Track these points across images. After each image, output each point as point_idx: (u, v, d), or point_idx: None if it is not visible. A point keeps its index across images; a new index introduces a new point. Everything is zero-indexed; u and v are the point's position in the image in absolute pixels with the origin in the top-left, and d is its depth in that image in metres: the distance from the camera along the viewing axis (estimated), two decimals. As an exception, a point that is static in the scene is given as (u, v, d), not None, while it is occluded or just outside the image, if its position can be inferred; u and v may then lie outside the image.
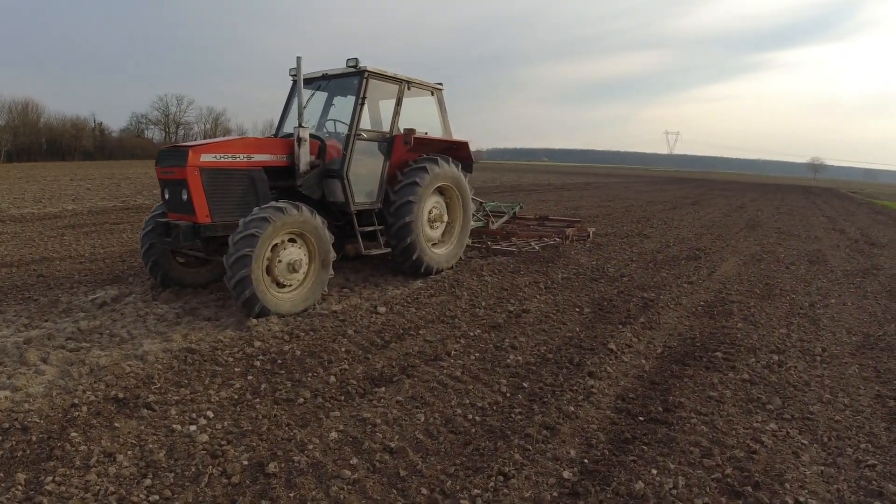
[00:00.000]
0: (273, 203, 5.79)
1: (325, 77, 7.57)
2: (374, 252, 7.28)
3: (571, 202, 21.56)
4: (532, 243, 9.61)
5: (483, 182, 33.99)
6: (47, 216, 13.14)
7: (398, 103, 7.58)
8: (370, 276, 7.75)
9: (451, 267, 8.12)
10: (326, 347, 4.85)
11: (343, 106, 8.07)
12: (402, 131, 7.50)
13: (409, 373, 4.35)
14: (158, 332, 5.30)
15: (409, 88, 7.71)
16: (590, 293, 7.03)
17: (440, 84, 8.34)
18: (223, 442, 3.31)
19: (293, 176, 6.75)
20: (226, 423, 3.52)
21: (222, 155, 6.09)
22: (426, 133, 8.24)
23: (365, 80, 7.08)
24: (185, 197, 5.87)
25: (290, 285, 5.97)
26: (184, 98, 73.14)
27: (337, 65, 7.41)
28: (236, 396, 3.90)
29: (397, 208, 7.34)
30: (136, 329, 5.41)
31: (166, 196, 6.15)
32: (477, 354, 4.78)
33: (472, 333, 5.33)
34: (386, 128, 8.11)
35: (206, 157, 5.93)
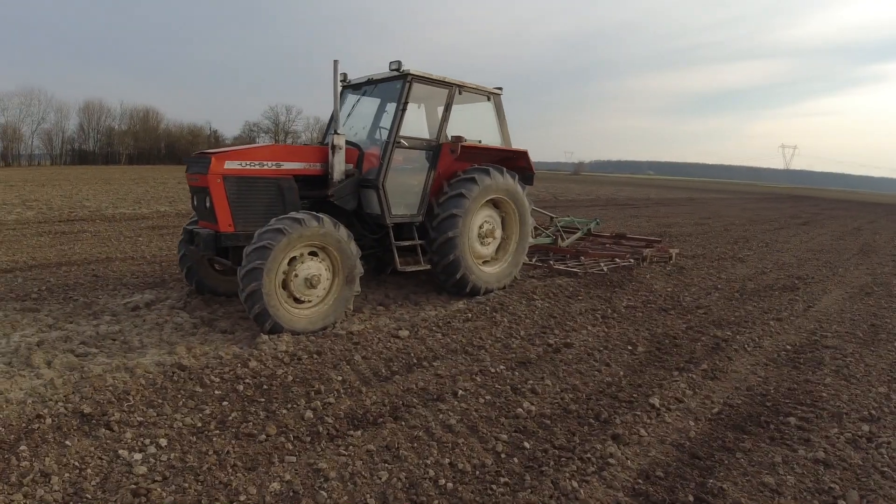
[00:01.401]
0: (292, 214, 5.47)
1: (371, 82, 7.19)
2: (410, 269, 6.75)
3: (666, 219, 19.98)
4: (602, 264, 8.69)
5: (577, 195, 32.71)
6: (137, 217, 13.89)
7: (447, 109, 7.05)
8: (411, 294, 7.24)
9: (504, 287, 7.44)
10: (322, 375, 4.38)
11: (393, 113, 7.67)
12: (450, 139, 6.96)
13: (398, 414, 3.77)
14: (169, 343, 5.09)
15: (460, 93, 7.16)
16: (652, 327, 6.09)
17: (499, 89, 7.72)
18: (157, 478, 2.93)
19: (328, 185, 6.41)
20: (172, 455, 3.14)
21: (248, 162, 5.87)
22: (479, 141, 7.65)
23: (408, 85, 6.61)
24: (208, 204, 5.70)
25: (309, 301, 5.59)
26: (293, 108, 77.39)
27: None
28: (199, 425, 3.51)
29: (440, 222, 6.80)
30: (149, 337, 5.25)
31: (195, 203, 6.03)
32: (487, 398, 4.10)
33: (493, 370, 4.65)
34: (433, 134, 7.67)
35: (231, 165, 5.74)
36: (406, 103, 6.59)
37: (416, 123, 8.18)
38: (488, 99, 7.61)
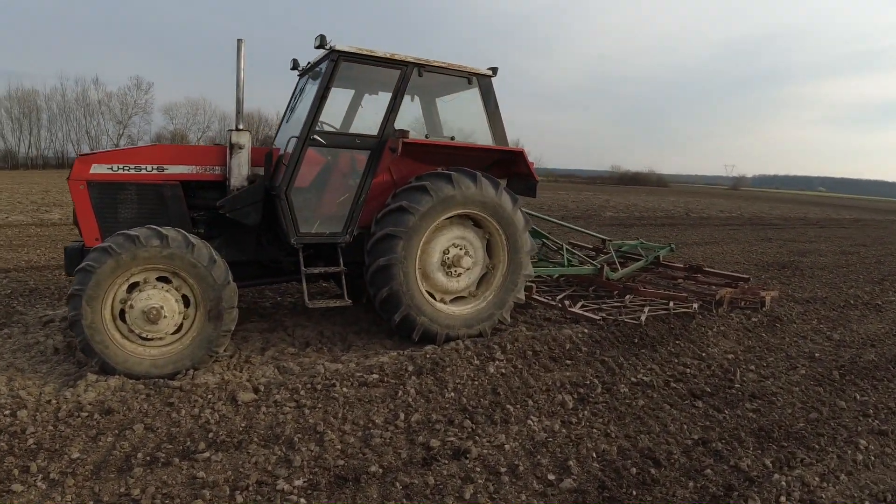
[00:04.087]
0: (132, 230, 4.21)
1: (313, 66, 5.65)
2: (320, 306, 5.13)
3: (806, 244, 16.00)
4: (646, 310, 6.29)
5: (722, 211, 28.45)
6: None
7: (395, 96, 5.30)
8: (356, 333, 5.64)
9: (480, 334, 5.48)
10: (57, 452, 3.02)
11: (374, 105, 6.10)
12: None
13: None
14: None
15: (420, 75, 5.36)
16: (639, 431, 3.81)
17: (490, 70, 5.77)
18: None
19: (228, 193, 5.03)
20: None
21: (121, 166, 4.78)
22: (452, 138, 5.78)
23: (333, 65, 5.02)
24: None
25: (160, 339, 4.35)
26: None
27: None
28: None
29: (373, 245, 5.10)
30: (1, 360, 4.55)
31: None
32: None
33: (287, 484, 2.90)
34: (432, 133, 6.10)
35: (98, 169, 4.73)
36: (328, 88, 5.04)
37: (416, 121, 6.54)
38: (470, 82, 5.69)
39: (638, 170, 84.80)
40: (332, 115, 5.85)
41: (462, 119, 6.29)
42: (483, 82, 5.72)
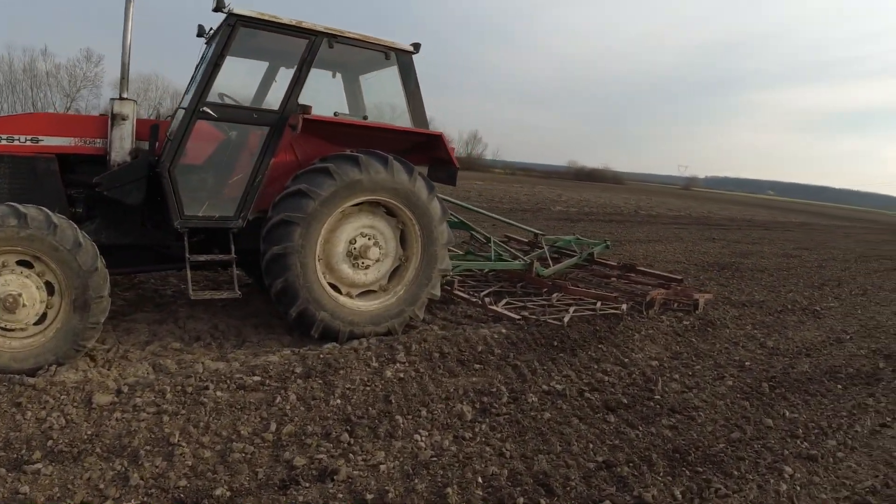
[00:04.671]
0: None
1: (216, 33, 5.06)
2: (205, 297, 4.60)
3: (749, 245, 16.12)
4: (570, 310, 5.93)
5: (671, 209, 28.72)
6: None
7: (301, 68, 4.76)
8: (255, 327, 5.14)
9: (389, 333, 5.01)
10: None
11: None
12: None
13: None
14: None
15: (330, 46, 4.84)
16: (546, 450, 3.39)
17: (414, 45, 5.27)
18: None
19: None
20: None
21: None
22: (365, 118, 5.28)
23: (231, 30, 4.48)
24: None
25: (22, 329, 3.79)
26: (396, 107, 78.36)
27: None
28: None
29: (269, 231, 4.58)
30: None
31: None
32: None
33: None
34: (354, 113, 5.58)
35: None
36: (222, 56, 4.50)
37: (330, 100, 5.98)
38: (387, 58, 5.18)
39: (594, 166, 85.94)
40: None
41: (397, 100, 5.77)
42: (402, 59, 5.21)
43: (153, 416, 3.37)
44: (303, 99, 4.93)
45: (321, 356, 4.32)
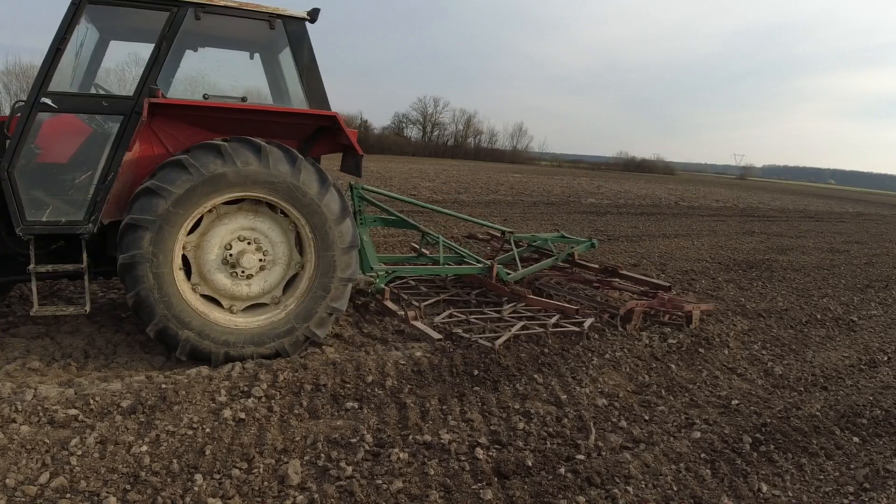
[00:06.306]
0: None
1: None
2: (51, 313, 4.00)
3: (791, 239, 14.42)
4: (513, 328, 4.88)
5: (717, 200, 26.75)
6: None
7: (160, 45, 3.93)
8: (124, 346, 4.39)
9: (278, 354, 4.17)
10: None
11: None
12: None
13: None
14: None
15: (198, 18, 3.99)
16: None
17: (306, 14, 4.35)
18: None
19: None
20: None
21: None
22: (244, 99, 4.40)
23: (74, 8, 3.75)
24: None
25: None
26: (440, 99, 78.24)
27: None
28: None
29: (119, 237, 3.83)
30: None
31: None
32: None
33: None
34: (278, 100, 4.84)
35: None
36: (64, 39, 3.78)
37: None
38: (272, 27, 4.27)
39: (645, 157, 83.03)
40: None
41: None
42: (292, 28, 4.30)
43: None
44: (223, 86, 4.18)
45: (161, 387, 3.51)
